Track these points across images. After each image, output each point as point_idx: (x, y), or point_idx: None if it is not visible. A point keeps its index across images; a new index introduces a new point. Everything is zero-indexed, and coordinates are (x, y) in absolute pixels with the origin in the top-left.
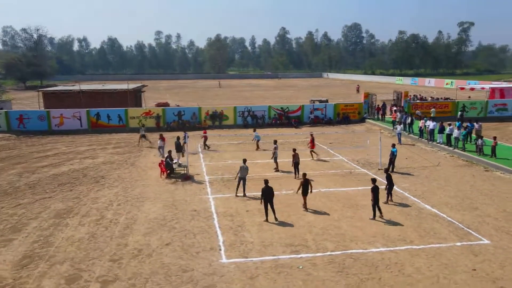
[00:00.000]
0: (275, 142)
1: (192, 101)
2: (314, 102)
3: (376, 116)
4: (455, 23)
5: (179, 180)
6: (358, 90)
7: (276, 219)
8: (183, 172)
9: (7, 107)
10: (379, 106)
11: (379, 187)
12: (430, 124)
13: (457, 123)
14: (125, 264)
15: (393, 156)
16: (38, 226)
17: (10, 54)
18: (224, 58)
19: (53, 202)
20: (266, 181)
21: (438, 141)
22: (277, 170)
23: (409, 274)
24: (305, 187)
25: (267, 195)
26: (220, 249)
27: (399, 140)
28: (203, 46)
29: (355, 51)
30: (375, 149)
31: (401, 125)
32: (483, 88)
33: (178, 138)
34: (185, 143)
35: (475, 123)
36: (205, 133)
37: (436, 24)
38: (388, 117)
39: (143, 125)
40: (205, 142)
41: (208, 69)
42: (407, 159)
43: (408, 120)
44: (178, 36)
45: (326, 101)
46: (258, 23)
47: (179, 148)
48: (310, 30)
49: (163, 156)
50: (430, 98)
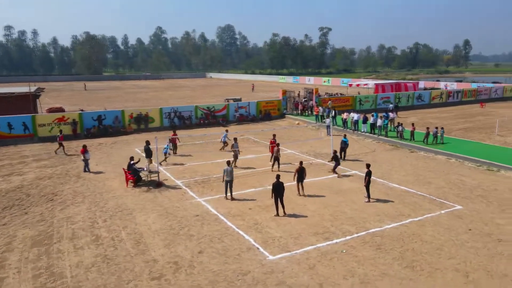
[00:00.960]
0: (235, 140)
1: (87, 105)
2: (229, 101)
3: (296, 112)
4: (317, 28)
5: (151, 188)
6: (253, 89)
7: (285, 213)
8: (151, 179)
9: None
10: (297, 102)
11: (372, 172)
12: (355, 116)
13: (384, 114)
14: (174, 280)
15: (345, 145)
16: (23, 259)
17: None
18: (100, 58)
19: (15, 229)
20: (278, 176)
21: (363, 130)
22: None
23: (430, 241)
24: (301, 174)
25: (278, 190)
26: (258, 248)
27: (328, 132)
28: (69, 45)
29: (231, 52)
30: (317, 141)
31: (330, 118)
32: (365, 85)
33: (148, 143)
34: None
35: (390, 113)
36: (175, 135)
37: (303, 28)
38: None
39: (61, 131)
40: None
41: (82, 70)
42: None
43: (332, 114)
44: (35, 33)
45: (240, 100)
46: (130, 21)
47: (149, 154)
48: (187, 30)
49: (89, 170)
50: (340, 94)
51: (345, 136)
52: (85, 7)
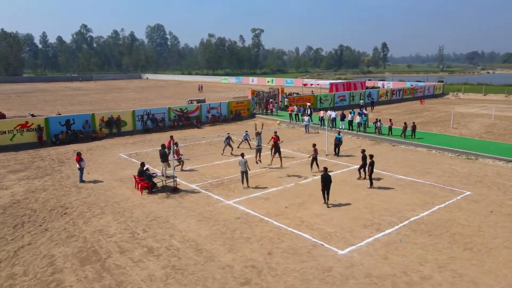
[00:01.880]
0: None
1: (25, 111)
2: (192, 102)
3: (266, 111)
4: (249, 29)
5: (170, 193)
6: (201, 90)
7: (328, 205)
8: (166, 185)
9: None
10: (268, 101)
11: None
12: (332, 114)
13: (359, 111)
14: (264, 283)
15: (339, 142)
16: (82, 278)
17: None
18: (19, 58)
19: (47, 248)
20: (326, 169)
21: (341, 127)
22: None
23: (467, 225)
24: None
25: (326, 182)
26: (323, 244)
27: (307, 130)
28: None
29: (162, 52)
30: (302, 140)
31: (308, 117)
32: (318, 85)
33: (164, 147)
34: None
35: (365, 110)
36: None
37: (235, 29)
38: (285, 112)
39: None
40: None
41: None
42: (331, 144)
43: (308, 112)
44: None
45: (204, 101)
46: (48, 18)
47: (165, 158)
48: (116, 29)
49: (79, 181)
50: (296, 94)
51: (339, 133)
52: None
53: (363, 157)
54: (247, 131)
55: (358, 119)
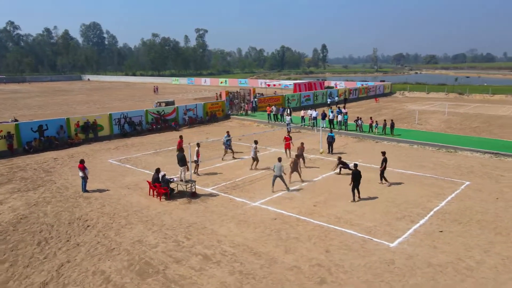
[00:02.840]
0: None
1: None
2: (161, 104)
3: (241, 112)
4: (193, 29)
5: (190, 199)
6: (156, 91)
7: (360, 198)
8: (184, 190)
9: None
10: (233, 102)
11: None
12: (313, 113)
13: (337, 110)
14: (340, 280)
15: (332, 140)
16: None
17: None
18: None
19: (92, 264)
20: (356, 165)
21: (322, 126)
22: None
23: (485, 212)
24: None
25: (357, 178)
26: (371, 239)
27: (288, 129)
28: None
29: (101, 52)
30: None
31: (290, 116)
32: (280, 85)
33: (182, 150)
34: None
35: (343, 109)
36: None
37: (178, 29)
38: (262, 112)
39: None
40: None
41: None
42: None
43: (287, 112)
44: None
45: (173, 102)
46: None
47: (184, 162)
48: (47, 27)
49: (83, 190)
50: (260, 94)
51: (332, 131)
52: None
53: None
54: (229, 132)
55: (340, 118)
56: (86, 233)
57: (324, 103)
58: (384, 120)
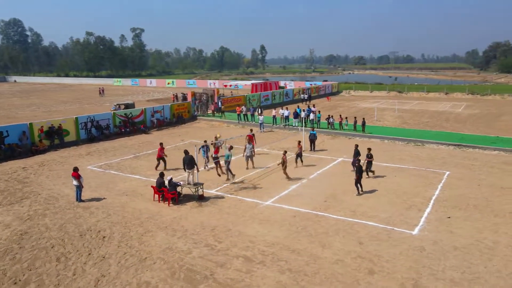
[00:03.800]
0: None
1: None
2: (120, 107)
3: (208, 112)
4: (129, 28)
5: (199, 202)
6: (102, 93)
7: (363, 191)
8: (194, 192)
9: None
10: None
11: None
12: (285, 112)
13: (307, 109)
14: (386, 269)
15: (314, 137)
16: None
17: None
18: None
19: (132, 276)
20: (359, 160)
21: (294, 125)
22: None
23: (476, 197)
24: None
25: (361, 172)
26: (393, 228)
27: (261, 128)
28: None
29: (24, 51)
30: (268, 138)
31: (262, 116)
32: (236, 85)
33: (187, 152)
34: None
35: (312, 107)
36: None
37: (114, 28)
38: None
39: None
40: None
41: None
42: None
43: (259, 111)
44: None
45: (133, 105)
46: None
47: (192, 164)
48: None
49: (80, 198)
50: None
51: (313, 129)
52: None
53: (356, 152)
54: (206, 142)
55: (312, 116)
56: (106, 245)
57: (281, 103)
58: (355, 118)
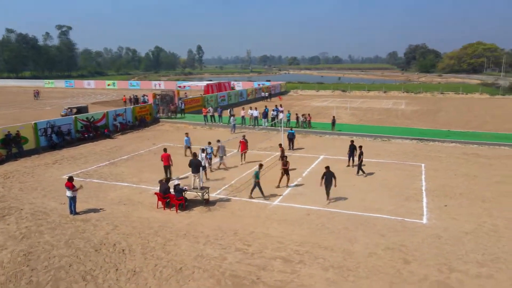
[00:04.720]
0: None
1: None
2: (72, 111)
3: (171, 114)
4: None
5: (208, 206)
6: (37, 96)
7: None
8: (202, 197)
9: None
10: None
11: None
12: (254, 112)
13: (275, 109)
14: (418, 257)
15: (293, 136)
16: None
17: None
18: None
19: (184, 285)
20: (327, 167)
21: (264, 125)
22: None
23: (458, 186)
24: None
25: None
26: (403, 219)
27: (233, 130)
28: None
29: None
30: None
31: (233, 117)
32: (189, 86)
33: (196, 155)
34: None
35: (279, 107)
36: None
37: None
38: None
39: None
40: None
41: None
42: (269, 140)
43: (232, 112)
44: None
45: (86, 108)
46: None
47: (198, 168)
48: None
49: (75, 211)
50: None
51: (292, 129)
52: None
53: (352, 147)
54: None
55: (281, 116)
56: (130, 258)
57: (237, 103)
58: (309, 115)
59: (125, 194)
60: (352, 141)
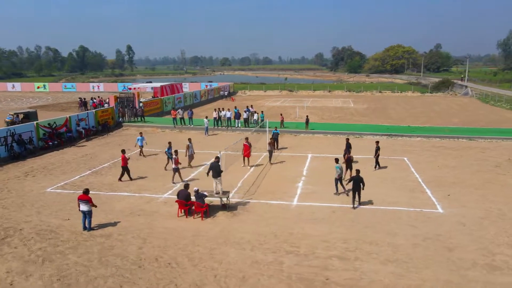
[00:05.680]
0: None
1: None
2: (19, 116)
3: (135, 118)
4: None
5: (230, 211)
6: None
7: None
8: (227, 202)
9: None
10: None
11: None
12: (227, 113)
13: (246, 109)
14: (454, 246)
15: (277, 136)
16: None
17: None
18: None
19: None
20: (358, 171)
21: (237, 126)
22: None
23: (447, 176)
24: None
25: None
26: (421, 210)
27: (206, 132)
28: None
29: None
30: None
31: (208, 119)
32: (139, 88)
33: (218, 159)
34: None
35: (251, 108)
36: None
37: None
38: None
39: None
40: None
41: None
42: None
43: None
44: None
45: (35, 113)
46: None
47: (219, 172)
48: None
49: (87, 229)
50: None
51: (276, 129)
52: None
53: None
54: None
55: (256, 116)
56: (181, 271)
57: (192, 104)
58: (307, 116)
59: (133, 205)
60: (348, 139)
